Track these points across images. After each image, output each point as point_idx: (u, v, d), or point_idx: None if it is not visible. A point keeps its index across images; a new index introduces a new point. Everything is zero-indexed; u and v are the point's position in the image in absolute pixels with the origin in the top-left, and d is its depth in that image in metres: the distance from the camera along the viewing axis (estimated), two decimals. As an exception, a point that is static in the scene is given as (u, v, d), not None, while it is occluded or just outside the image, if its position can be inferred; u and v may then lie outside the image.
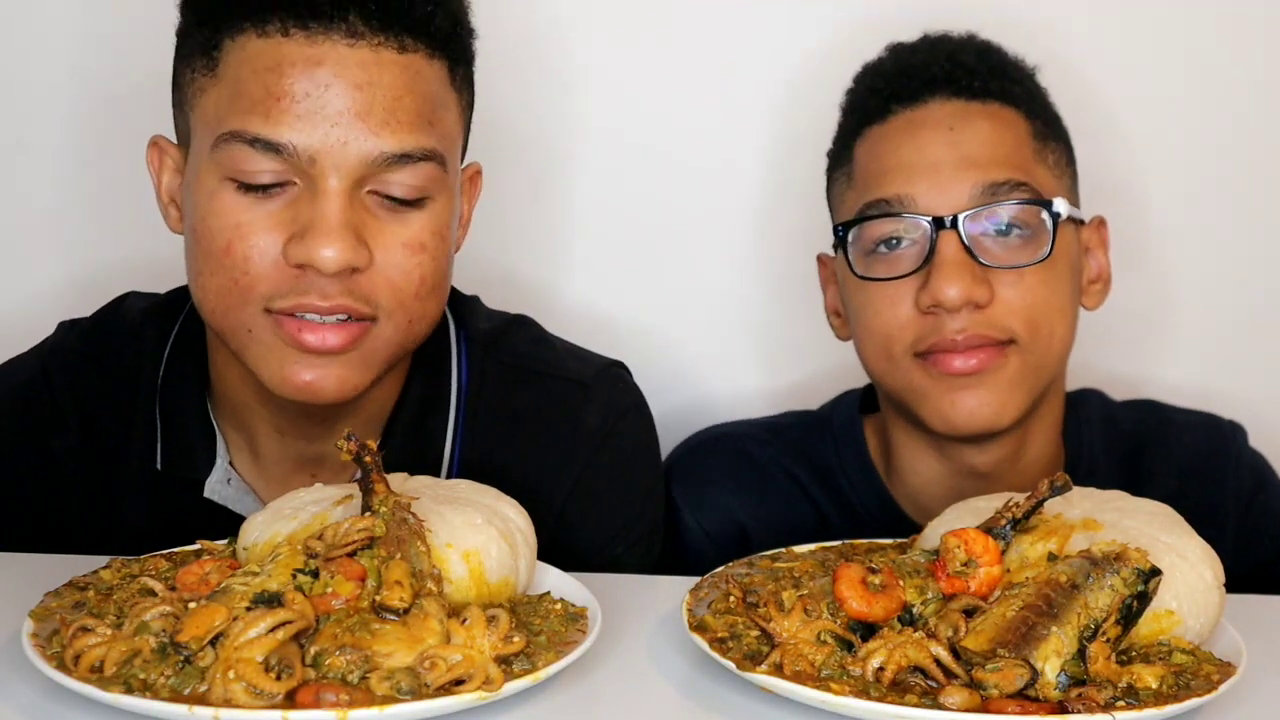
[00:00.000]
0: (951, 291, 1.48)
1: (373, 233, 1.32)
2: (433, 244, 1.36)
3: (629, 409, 1.58)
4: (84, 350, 1.53)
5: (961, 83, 1.55)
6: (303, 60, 1.30)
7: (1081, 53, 1.86)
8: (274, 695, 0.99)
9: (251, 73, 1.31)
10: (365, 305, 1.33)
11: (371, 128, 1.31)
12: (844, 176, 1.60)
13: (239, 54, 1.32)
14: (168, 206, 1.43)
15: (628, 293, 2.00)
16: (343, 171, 1.30)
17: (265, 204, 1.31)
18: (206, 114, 1.34)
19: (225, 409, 1.49)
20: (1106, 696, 1.02)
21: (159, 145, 1.43)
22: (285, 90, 1.30)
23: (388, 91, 1.32)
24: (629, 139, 1.98)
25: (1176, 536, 1.17)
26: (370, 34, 1.32)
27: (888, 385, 1.58)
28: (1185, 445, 1.68)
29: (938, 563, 1.14)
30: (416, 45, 1.34)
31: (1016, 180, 1.51)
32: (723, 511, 1.68)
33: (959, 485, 1.61)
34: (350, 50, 1.31)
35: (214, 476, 1.46)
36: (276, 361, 1.34)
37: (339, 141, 1.30)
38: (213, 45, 1.34)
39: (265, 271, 1.31)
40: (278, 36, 1.31)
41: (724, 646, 1.11)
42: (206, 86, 1.34)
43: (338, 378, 1.34)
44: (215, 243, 1.32)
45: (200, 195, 1.33)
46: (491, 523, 1.18)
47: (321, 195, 1.30)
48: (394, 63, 1.33)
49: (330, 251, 1.29)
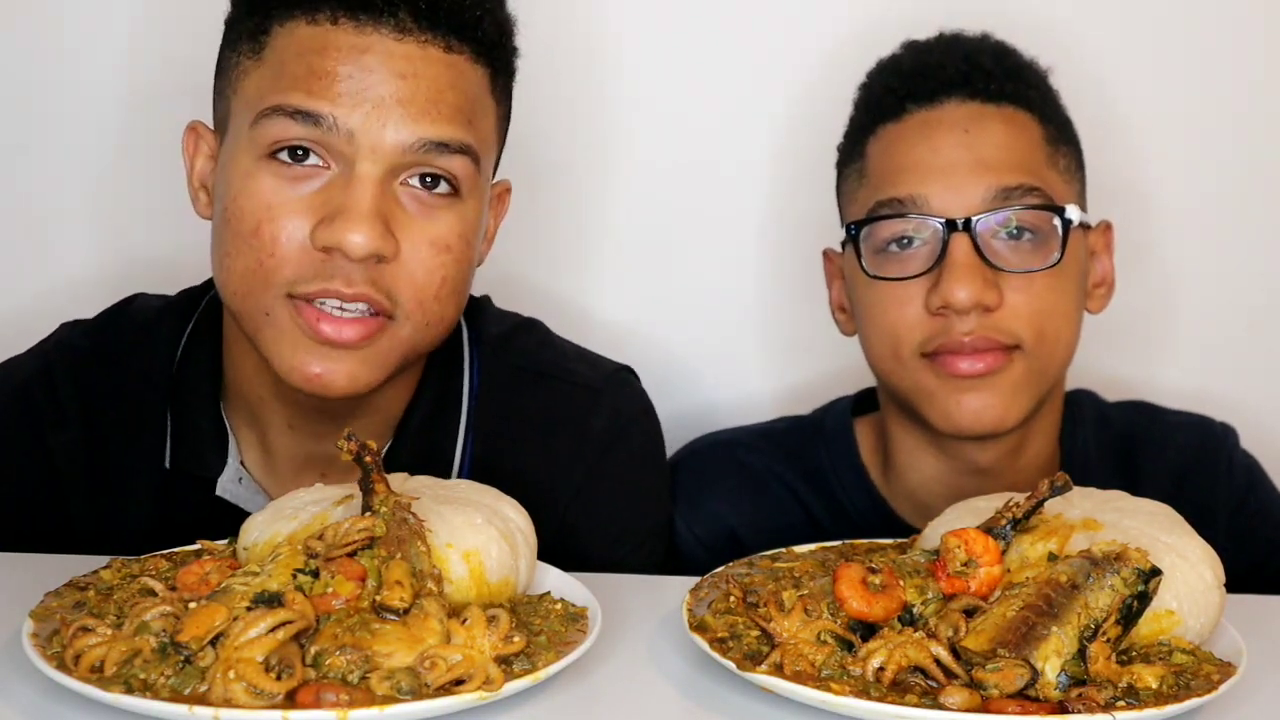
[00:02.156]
0: (962, 294, 1.48)
1: (401, 225, 1.33)
2: (458, 246, 1.37)
3: (637, 414, 1.59)
4: (90, 347, 1.53)
5: (978, 85, 1.56)
6: (349, 46, 1.32)
7: (1082, 55, 1.86)
8: (274, 695, 0.99)
9: (297, 54, 1.33)
10: (386, 299, 1.33)
11: (412, 114, 1.32)
12: (856, 173, 1.61)
13: (286, 38, 1.34)
14: (198, 191, 1.44)
15: (636, 296, 2.00)
16: (379, 155, 1.31)
17: (298, 186, 1.32)
18: (248, 94, 1.35)
19: (238, 406, 1.49)
20: (1107, 696, 1.02)
21: (196, 130, 1.44)
22: (329, 70, 1.32)
23: (431, 84, 1.33)
24: (636, 142, 1.98)
25: (1177, 536, 1.17)
26: (418, 30, 1.33)
27: (893, 384, 1.58)
28: (1178, 446, 1.69)
29: (938, 563, 1.14)
30: (462, 47, 1.36)
31: (1029, 185, 1.52)
32: (714, 518, 1.68)
33: (958, 483, 1.61)
34: (397, 44, 1.33)
35: (226, 475, 1.47)
36: (290, 348, 1.34)
37: (378, 123, 1.31)
38: (260, 30, 1.36)
39: (291, 254, 1.32)
40: (326, 24, 1.33)
41: (724, 646, 1.11)
42: (250, 69, 1.36)
43: (348, 373, 1.35)
44: (245, 223, 1.33)
45: (234, 175, 1.34)
46: (491, 523, 1.18)
47: (355, 181, 1.31)
48: (439, 60, 1.34)
49: (359, 236, 1.30)
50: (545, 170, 1.96)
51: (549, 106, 1.95)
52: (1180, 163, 1.97)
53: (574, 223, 2.00)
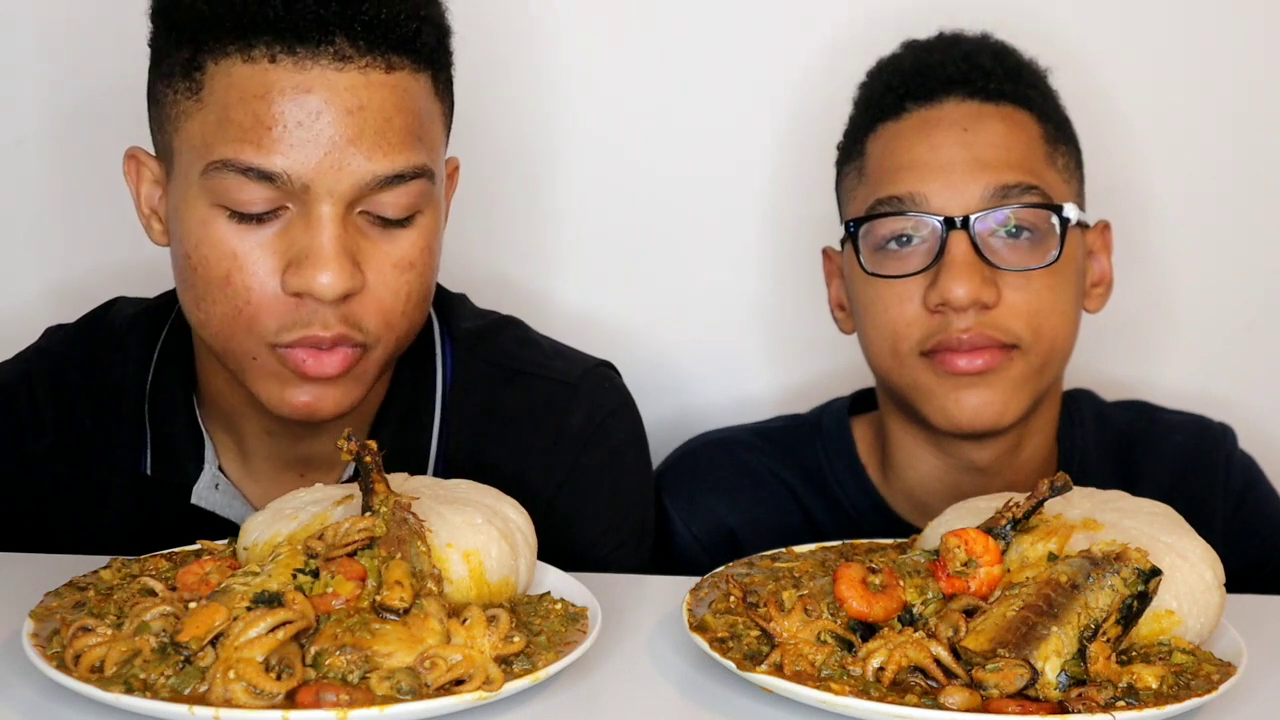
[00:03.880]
0: (960, 291, 1.48)
1: (364, 253, 1.32)
2: (421, 261, 1.36)
3: (616, 409, 1.57)
4: (68, 354, 1.52)
5: (977, 84, 1.56)
6: (292, 87, 1.29)
7: (1082, 55, 1.86)
8: (274, 695, 0.99)
9: (239, 99, 1.29)
10: (359, 333, 1.33)
11: (364, 151, 1.30)
12: (855, 170, 1.61)
13: (224, 79, 1.30)
14: (149, 218, 1.41)
15: (635, 295, 2.00)
16: (336, 196, 1.30)
17: (259, 231, 1.31)
18: (193, 139, 1.32)
19: (213, 412, 1.49)
20: (1106, 696, 1.02)
21: (136, 158, 1.41)
22: (276, 118, 1.28)
23: (378, 114, 1.31)
24: (628, 139, 1.98)
25: (1177, 536, 1.17)
26: (358, 56, 1.30)
27: (892, 382, 1.59)
28: (1176, 445, 1.69)
29: (938, 563, 1.14)
30: (403, 62, 1.33)
31: (1028, 183, 1.52)
32: (712, 517, 1.69)
33: (957, 480, 1.62)
34: (339, 74, 1.29)
35: (201, 482, 1.46)
36: (278, 386, 1.35)
37: (332, 167, 1.29)
38: (194, 67, 1.31)
39: (266, 302, 1.31)
40: (265, 63, 1.29)
41: (724, 646, 1.11)
42: (191, 111, 1.32)
43: (334, 399, 1.36)
44: (213, 271, 1.32)
45: (191, 222, 1.32)
46: (492, 523, 1.18)
47: (315, 222, 1.30)
48: (382, 83, 1.31)
49: (327, 278, 1.29)
50: (544, 172, 1.96)
51: (548, 107, 1.95)
52: (1180, 163, 1.97)
53: (572, 224, 2.00)
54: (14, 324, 1.77)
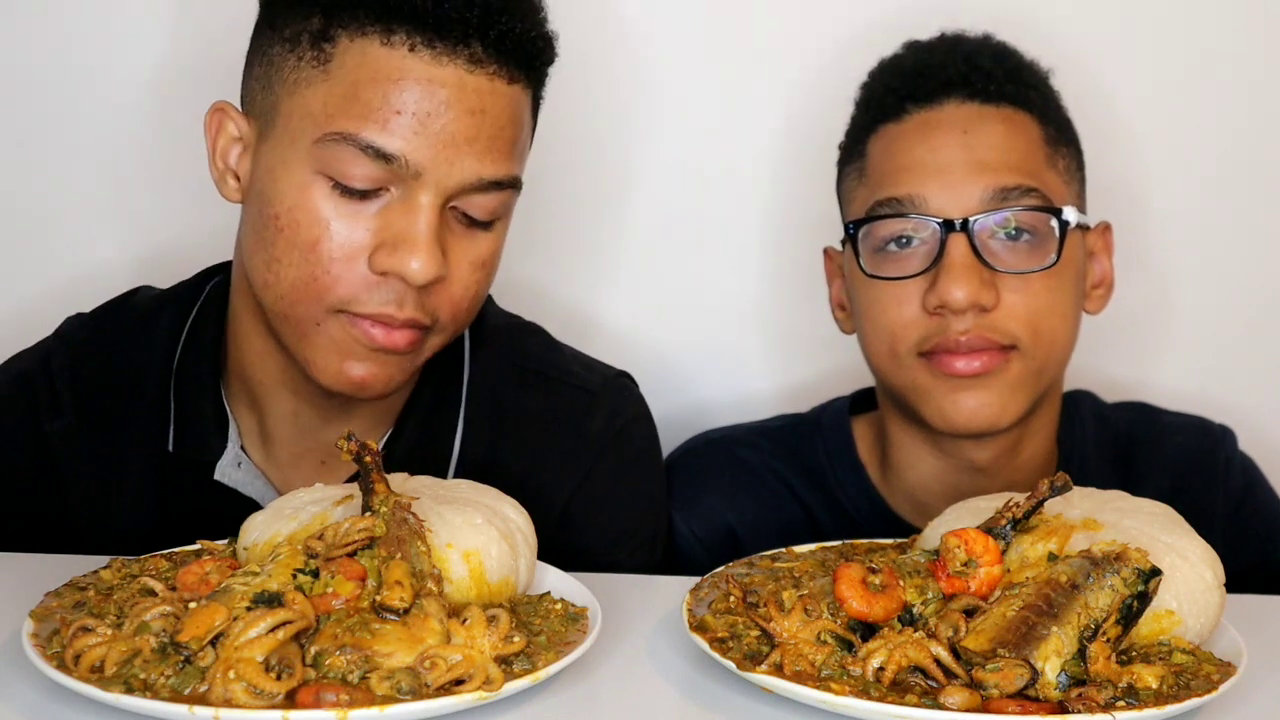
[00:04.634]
0: (958, 293, 1.48)
1: (450, 248, 1.37)
2: (492, 263, 1.42)
3: (634, 418, 1.60)
4: (88, 337, 1.54)
5: (977, 85, 1.56)
6: (426, 79, 1.33)
7: (1083, 56, 1.86)
8: (274, 695, 0.99)
9: (371, 79, 1.33)
10: (428, 317, 1.37)
11: (476, 153, 1.34)
12: (856, 171, 1.61)
13: (358, 57, 1.34)
14: (224, 174, 1.43)
15: (636, 295, 2.00)
16: (442, 188, 1.34)
17: (359, 207, 1.34)
18: (311, 106, 1.35)
19: (240, 393, 1.50)
20: (1106, 696, 1.02)
21: (224, 111, 1.43)
22: (405, 104, 1.32)
23: (495, 120, 1.36)
24: (636, 142, 1.98)
25: (1176, 536, 1.17)
26: (488, 62, 1.35)
27: (891, 383, 1.59)
28: (1177, 446, 1.70)
29: (938, 563, 1.14)
30: (520, 77, 1.38)
31: (1027, 185, 1.52)
32: (712, 516, 1.69)
33: (956, 480, 1.62)
34: (469, 76, 1.34)
35: (225, 459, 1.47)
36: (338, 355, 1.37)
37: (446, 160, 1.33)
38: (325, 38, 1.35)
39: (347, 275, 1.34)
40: (404, 50, 1.33)
41: (724, 646, 1.11)
42: (314, 79, 1.35)
43: (388, 375, 1.39)
44: (301, 235, 1.34)
45: (288, 184, 1.35)
46: (492, 523, 1.18)
47: (416, 209, 1.34)
48: (504, 93, 1.37)
49: (418, 264, 1.33)
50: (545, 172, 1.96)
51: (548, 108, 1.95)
52: (1180, 164, 1.97)
53: (574, 222, 2.00)
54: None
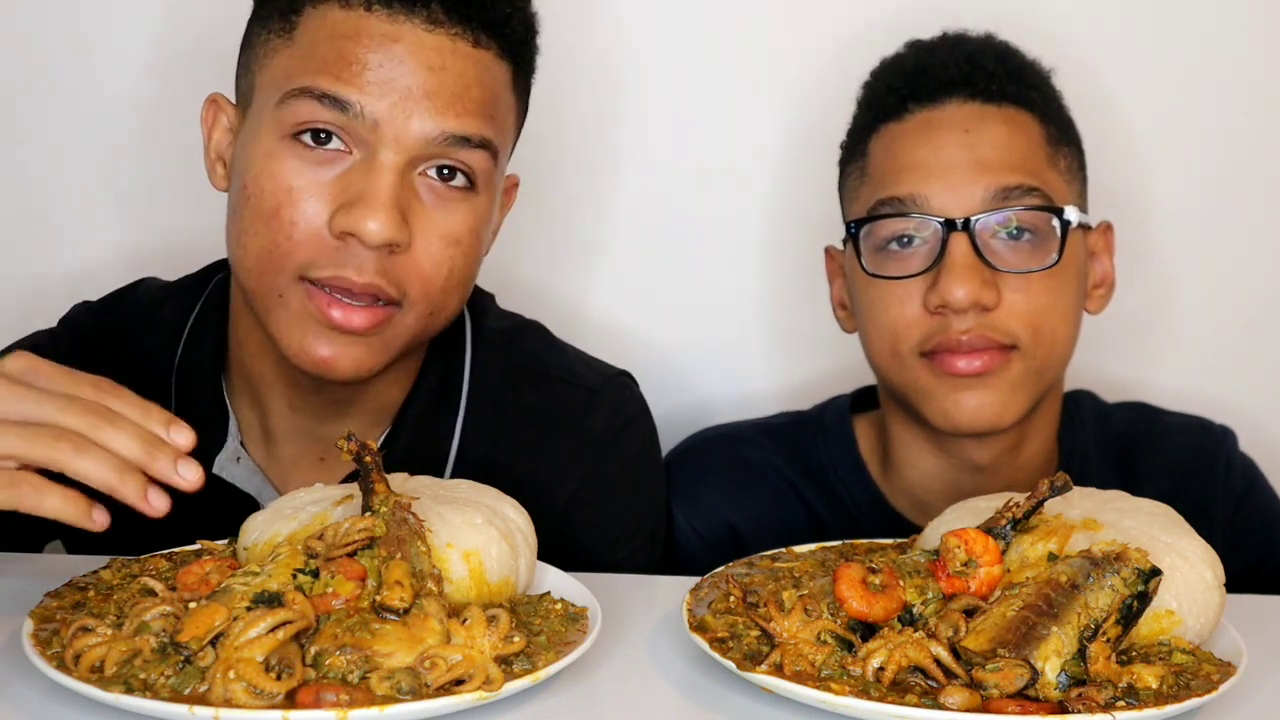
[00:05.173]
0: (960, 293, 1.49)
1: (416, 216, 1.35)
2: (467, 240, 1.39)
3: (634, 417, 1.60)
4: (94, 326, 1.56)
5: (979, 85, 1.56)
6: (381, 34, 1.34)
7: (1084, 56, 1.86)
8: (274, 695, 0.99)
9: (328, 38, 1.34)
10: (394, 289, 1.35)
11: (438, 107, 1.34)
12: (858, 170, 1.61)
13: (318, 20, 1.36)
14: (214, 163, 1.45)
15: (638, 294, 2.01)
16: (401, 145, 1.33)
17: (319, 171, 1.34)
18: (276, 73, 1.36)
19: (240, 387, 1.50)
20: (1106, 696, 1.02)
21: (216, 102, 1.46)
22: (359, 57, 1.33)
23: (458, 78, 1.35)
24: (637, 141, 1.98)
25: (1176, 536, 1.17)
26: (449, 23, 1.36)
27: (892, 382, 1.59)
28: (1177, 447, 1.70)
29: (938, 563, 1.14)
30: (490, 42, 1.38)
31: (1029, 185, 1.52)
32: (714, 513, 1.69)
33: (957, 480, 1.62)
34: (428, 34, 1.35)
35: (224, 454, 1.48)
36: (299, 331, 1.36)
37: (404, 114, 1.33)
38: (292, 9, 1.37)
39: (308, 238, 1.34)
40: (360, 9, 1.35)
41: (724, 646, 1.11)
42: (280, 48, 1.37)
43: (354, 358, 1.37)
44: (264, 203, 1.34)
45: (256, 153, 1.36)
46: (492, 523, 1.18)
47: (376, 168, 1.33)
48: (467, 54, 1.36)
49: (375, 224, 1.31)
50: (546, 170, 1.96)
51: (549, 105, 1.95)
52: (1180, 164, 1.97)
53: (576, 222, 2.00)
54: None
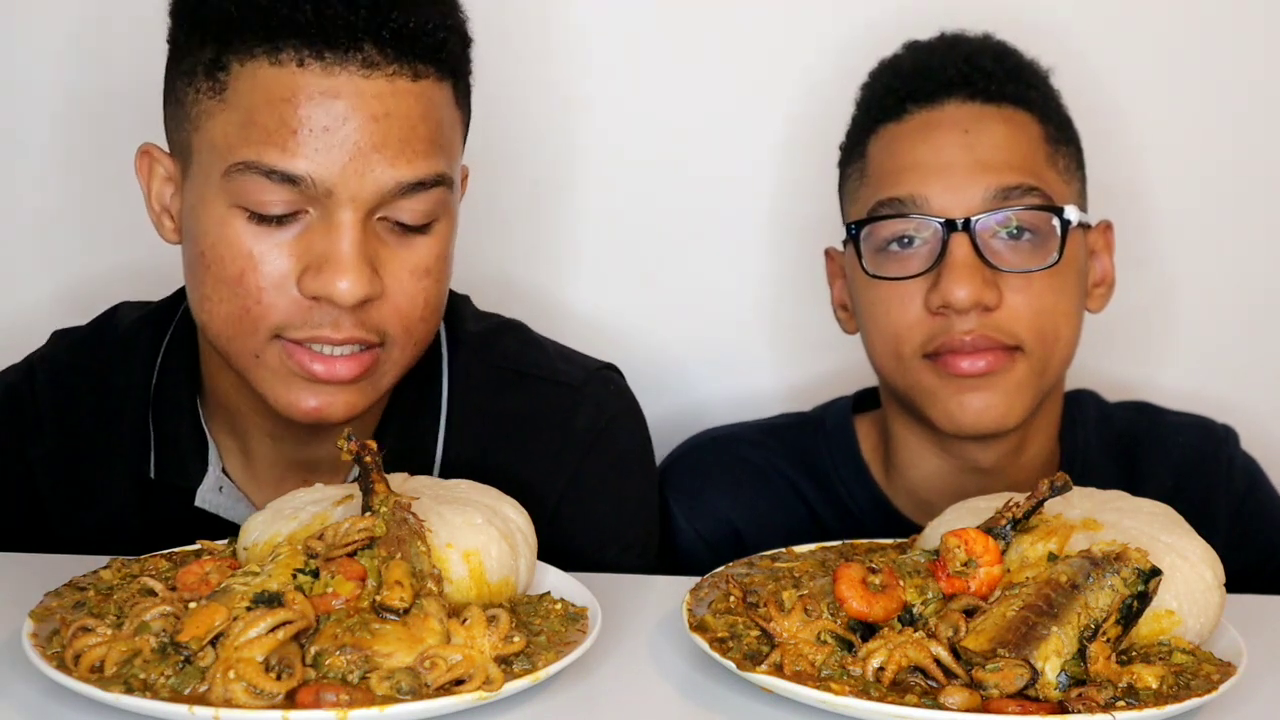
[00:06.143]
0: (961, 293, 1.48)
1: (383, 260, 1.33)
2: (437, 268, 1.36)
3: (620, 412, 1.57)
4: (71, 361, 1.52)
5: (978, 85, 1.56)
6: (319, 92, 1.28)
7: (1083, 55, 1.86)
8: (274, 695, 0.99)
9: (265, 102, 1.29)
10: (374, 335, 1.34)
11: (388, 158, 1.30)
12: (857, 172, 1.61)
13: (249, 81, 1.30)
14: (160, 215, 1.41)
15: (638, 295, 2.00)
16: (358, 202, 1.30)
17: (278, 233, 1.31)
18: (215, 139, 1.32)
19: (218, 415, 1.48)
20: (1106, 696, 1.02)
21: (150, 154, 1.41)
22: (301, 122, 1.28)
23: (403, 121, 1.31)
24: (633, 142, 1.97)
25: (1177, 536, 1.17)
26: (385, 63, 1.30)
27: (895, 383, 1.59)
28: (1179, 446, 1.70)
29: (938, 563, 1.14)
30: (428, 71, 1.33)
31: (1029, 185, 1.52)
32: (716, 514, 1.68)
33: (959, 481, 1.62)
34: (366, 81, 1.29)
35: (205, 485, 1.46)
36: (284, 386, 1.34)
37: (355, 173, 1.29)
38: (218, 67, 1.31)
39: (278, 302, 1.31)
40: (292, 66, 1.29)
41: (724, 646, 1.11)
42: (214, 110, 1.32)
43: (346, 403, 1.35)
44: (227, 270, 1.31)
45: (208, 221, 1.32)
46: (492, 523, 1.18)
47: (337, 227, 1.30)
48: (408, 91, 1.31)
49: (346, 284, 1.29)
50: (548, 173, 1.96)
51: (551, 107, 1.95)
52: (1180, 163, 1.97)
53: (576, 224, 1.99)
54: (22, 327, 1.76)
